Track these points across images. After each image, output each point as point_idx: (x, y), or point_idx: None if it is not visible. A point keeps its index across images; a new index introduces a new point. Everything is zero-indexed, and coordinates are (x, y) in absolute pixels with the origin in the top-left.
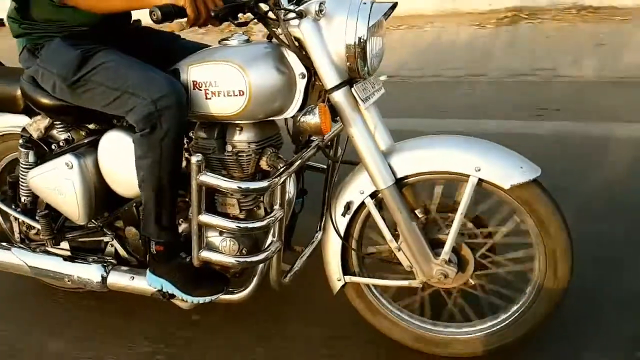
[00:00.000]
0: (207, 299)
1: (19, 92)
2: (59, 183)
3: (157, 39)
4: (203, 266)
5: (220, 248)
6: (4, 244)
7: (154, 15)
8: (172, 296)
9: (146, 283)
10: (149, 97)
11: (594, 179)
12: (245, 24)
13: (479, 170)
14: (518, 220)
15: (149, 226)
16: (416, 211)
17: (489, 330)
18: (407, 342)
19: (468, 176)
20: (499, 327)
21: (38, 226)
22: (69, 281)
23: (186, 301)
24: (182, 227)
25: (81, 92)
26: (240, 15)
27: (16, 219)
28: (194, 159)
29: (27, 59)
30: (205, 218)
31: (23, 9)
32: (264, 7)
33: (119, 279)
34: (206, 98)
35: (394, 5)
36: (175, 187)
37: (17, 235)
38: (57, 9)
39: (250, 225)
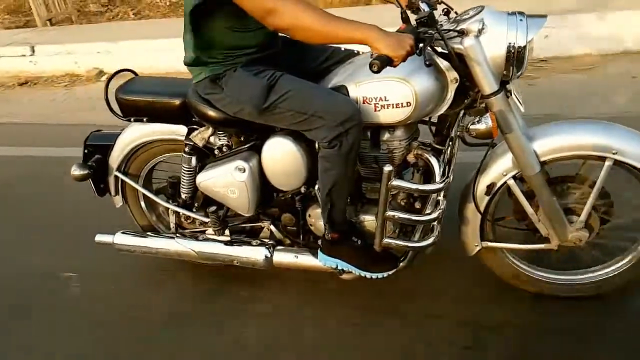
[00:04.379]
0: (385, 274)
1: (177, 105)
2: (232, 184)
3: (305, 49)
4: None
5: (396, 234)
6: (152, 234)
7: (375, 66)
8: (344, 272)
9: (310, 260)
10: (336, 119)
11: None
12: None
13: (615, 153)
14: None
15: (331, 220)
16: None
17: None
18: (529, 288)
19: (605, 158)
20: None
21: (199, 218)
22: (236, 262)
23: (356, 274)
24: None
25: (270, 115)
26: None
27: (175, 212)
28: (386, 169)
29: (209, 86)
30: (391, 214)
31: (202, 38)
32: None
33: (284, 258)
34: (375, 110)
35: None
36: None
37: (172, 225)
38: (238, 34)
39: (428, 218)
